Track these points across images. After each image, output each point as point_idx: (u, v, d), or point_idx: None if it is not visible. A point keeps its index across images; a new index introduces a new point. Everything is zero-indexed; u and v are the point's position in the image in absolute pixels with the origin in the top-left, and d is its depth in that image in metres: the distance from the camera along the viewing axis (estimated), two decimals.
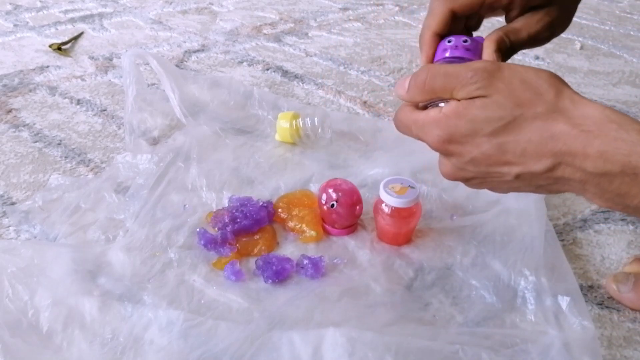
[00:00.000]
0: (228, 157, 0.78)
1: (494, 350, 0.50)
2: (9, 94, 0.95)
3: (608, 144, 0.39)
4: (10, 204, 0.69)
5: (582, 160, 0.40)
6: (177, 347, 0.50)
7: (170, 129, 0.84)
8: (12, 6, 1.36)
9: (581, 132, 0.40)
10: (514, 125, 0.41)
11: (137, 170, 0.74)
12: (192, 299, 0.56)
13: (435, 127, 0.45)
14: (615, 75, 1.10)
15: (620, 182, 0.39)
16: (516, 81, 0.42)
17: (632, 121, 0.40)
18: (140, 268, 0.59)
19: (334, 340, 0.49)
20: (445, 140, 0.44)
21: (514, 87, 0.42)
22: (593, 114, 0.40)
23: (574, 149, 0.40)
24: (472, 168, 0.45)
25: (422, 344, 0.49)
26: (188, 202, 0.69)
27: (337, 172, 0.74)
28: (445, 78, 0.44)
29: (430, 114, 0.45)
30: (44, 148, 0.80)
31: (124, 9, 1.38)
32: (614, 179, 0.39)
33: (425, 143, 0.47)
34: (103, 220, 0.66)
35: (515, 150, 0.42)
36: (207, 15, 1.37)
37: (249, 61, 1.10)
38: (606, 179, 0.40)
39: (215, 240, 0.62)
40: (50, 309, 0.53)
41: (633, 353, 0.53)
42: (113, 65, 1.06)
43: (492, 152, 0.43)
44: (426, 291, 0.58)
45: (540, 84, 0.42)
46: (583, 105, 0.41)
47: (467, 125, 0.43)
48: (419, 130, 0.47)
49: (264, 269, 0.59)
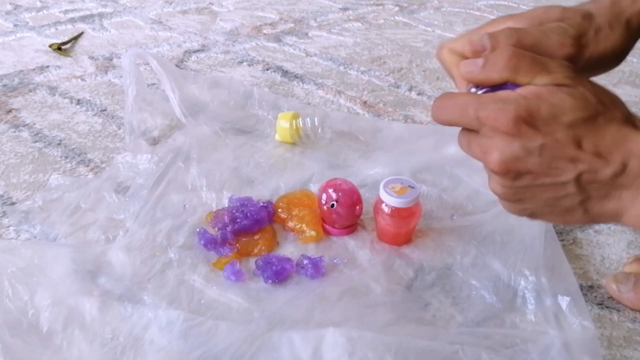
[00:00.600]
0: (228, 157, 0.78)
1: (494, 350, 0.50)
2: (9, 94, 0.95)
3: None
4: (10, 204, 0.69)
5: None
6: (177, 347, 0.50)
7: (170, 129, 0.84)
8: (12, 6, 1.36)
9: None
10: (593, 121, 0.40)
11: (137, 170, 0.74)
12: (192, 299, 0.56)
13: (512, 104, 0.40)
14: (615, 75, 1.10)
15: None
16: (597, 86, 0.42)
17: None
18: (140, 268, 0.59)
19: (334, 340, 0.49)
20: (521, 118, 0.40)
21: (597, 88, 0.42)
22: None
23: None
24: (534, 159, 0.41)
25: (422, 344, 0.49)
26: (188, 202, 0.69)
27: (337, 172, 0.74)
28: (533, 61, 0.42)
29: (500, 93, 0.42)
30: (44, 148, 0.80)
31: (124, 9, 1.38)
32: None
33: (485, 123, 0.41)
34: (103, 220, 0.66)
35: (588, 147, 0.40)
36: (207, 15, 1.37)
37: (249, 61, 1.11)
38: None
39: (215, 241, 0.62)
40: (50, 309, 0.53)
41: (633, 353, 0.53)
42: (113, 65, 1.06)
43: (564, 143, 0.40)
44: (426, 291, 0.58)
45: (616, 96, 0.42)
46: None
47: (549, 109, 0.40)
48: (482, 107, 0.41)
49: (264, 269, 0.59)
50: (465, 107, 0.42)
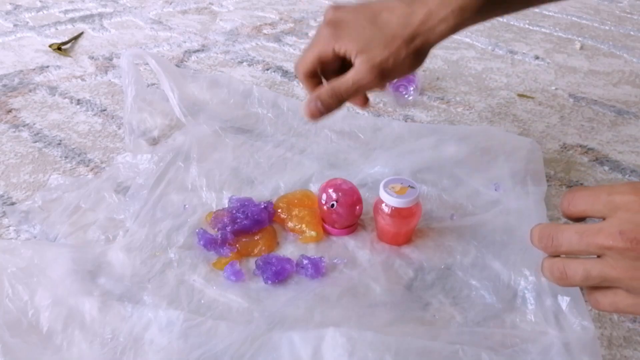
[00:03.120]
0: (228, 156, 0.78)
1: (494, 350, 0.50)
2: (9, 94, 0.95)
3: None
4: (10, 204, 0.69)
5: None
6: (177, 347, 0.50)
7: (170, 128, 0.84)
8: (12, 6, 1.36)
9: None
10: None
11: (137, 170, 0.74)
12: (192, 299, 0.56)
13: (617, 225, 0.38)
14: (615, 75, 1.10)
15: None
16: None
17: None
18: (140, 268, 0.59)
19: (334, 340, 0.49)
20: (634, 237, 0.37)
21: None
22: None
23: None
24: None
25: (422, 344, 0.49)
26: (188, 202, 0.69)
27: (337, 172, 0.74)
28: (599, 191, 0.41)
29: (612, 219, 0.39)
30: (44, 148, 0.80)
31: (124, 9, 1.38)
32: None
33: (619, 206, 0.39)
34: (103, 220, 0.66)
35: None
36: (207, 15, 1.37)
37: (249, 61, 1.11)
38: None
39: (215, 241, 0.62)
40: (50, 309, 0.53)
41: (633, 353, 0.53)
42: (113, 65, 1.06)
43: None
44: (426, 291, 0.58)
45: None
46: None
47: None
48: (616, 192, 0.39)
49: (263, 269, 0.59)
50: (598, 194, 0.40)
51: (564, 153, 0.84)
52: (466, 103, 0.97)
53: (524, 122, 0.92)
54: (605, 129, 0.91)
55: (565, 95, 1.02)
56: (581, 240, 0.40)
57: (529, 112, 0.95)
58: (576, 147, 0.85)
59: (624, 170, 0.80)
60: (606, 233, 0.39)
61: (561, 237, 0.42)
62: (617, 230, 0.38)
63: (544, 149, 0.84)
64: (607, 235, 0.39)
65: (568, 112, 0.96)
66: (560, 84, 1.06)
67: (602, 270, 0.40)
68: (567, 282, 0.42)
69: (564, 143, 0.87)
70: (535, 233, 0.44)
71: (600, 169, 0.81)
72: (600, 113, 0.96)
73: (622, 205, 0.39)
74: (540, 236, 0.43)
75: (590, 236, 0.40)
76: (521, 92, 1.02)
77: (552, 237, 0.42)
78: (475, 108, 0.96)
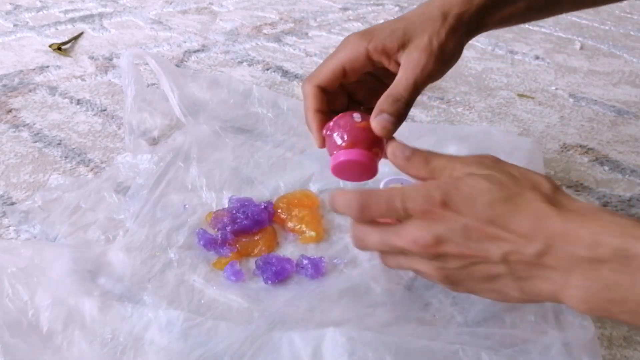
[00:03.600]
0: (228, 156, 0.78)
1: (494, 350, 0.50)
2: (9, 94, 0.95)
3: (601, 226, 0.39)
4: (10, 204, 0.69)
5: (573, 243, 0.39)
6: (177, 347, 0.50)
7: (170, 128, 0.84)
8: (12, 6, 1.36)
9: (576, 216, 0.40)
10: (512, 202, 0.41)
11: (137, 170, 0.74)
12: (192, 299, 0.56)
13: (433, 189, 0.42)
14: (615, 75, 1.10)
15: (609, 269, 0.38)
16: (516, 171, 0.44)
17: (624, 214, 0.41)
18: (140, 268, 0.59)
19: (334, 340, 0.49)
20: (442, 201, 0.42)
21: (513, 173, 0.43)
22: (587, 206, 0.41)
23: (568, 230, 0.39)
24: (459, 239, 0.42)
25: (422, 344, 0.49)
26: (188, 202, 0.69)
27: None
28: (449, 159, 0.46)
29: (421, 184, 0.45)
30: (44, 148, 0.80)
31: (124, 9, 1.38)
32: (603, 266, 0.38)
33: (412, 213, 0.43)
34: (103, 220, 0.66)
35: (510, 226, 0.40)
36: (207, 15, 1.37)
37: (249, 61, 1.11)
38: (594, 267, 0.38)
39: (215, 241, 0.62)
40: (50, 309, 0.53)
41: (633, 353, 0.53)
42: (113, 65, 1.06)
43: (486, 222, 0.41)
44: (426, 291, 0.58)
45: (538, 178, 0.44)
46: (577, 201, 0.42)
47: (468, 190, 0.42)
48: (409, 199, 0.43)
49: (263, 269, 0.59)
50: (392, 199, 0.44)
51: (564, 153, 0.84)
52: (466, 103, 0.97)
53: (524, 122, 0.92)
54: (605, 129, 0.91)
55: (565, 95, 1.02)
56: (382, 241, 0.45)
57: (529, 112, 0.95)
58: (576, 147, 0.85)
59: (624, 171, 0.80)
60: (402, 238, 0.44)
61: (366, 240, 0.47)
62: (411, 238, 0.43)
63: (544, 149, 0.84)
64: (403, 240, 0.44)
65: (568, 112, 0.96)
66: (560, 84, 1.06)
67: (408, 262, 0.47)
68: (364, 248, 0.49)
69: (564, 143, 0.87)
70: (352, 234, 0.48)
71: (600, 169, 0.81)
72: (600, 113, 0.96)
73: (413, 212, 0.43)
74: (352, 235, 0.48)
75: (390, 238, 0.45)
76: (521, 92, 1.02)
77: (359, 238, 0.47)
78: (475, 108, 0.96)
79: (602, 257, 0.38)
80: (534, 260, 0.40)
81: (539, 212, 0.40)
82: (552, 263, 0.40)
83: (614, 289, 0.38)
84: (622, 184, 0.77)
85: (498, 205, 0.41)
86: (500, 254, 0.41)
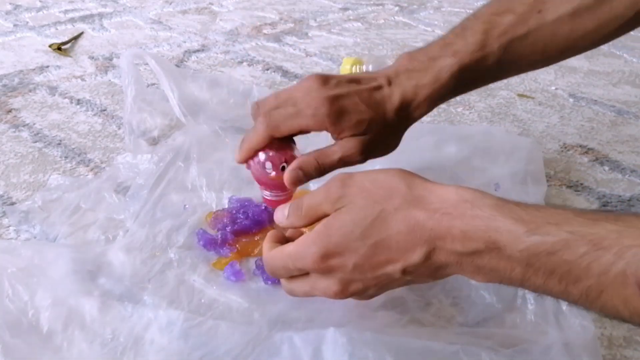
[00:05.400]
0: (228, 156, 0.78)
1: (494, 350, 0.50)
2: (9, 94, 0.95)
3: (467, 223, 0.40)
4: (10, 204, 0.69)
5: (450, 242, 0.41)
6: (177, 347, 0.50)
7: (170, 128, 0.84)
8: (12, 6, 1.36)
9: (442, 215, 0.41)
10: (379, 221, 0.43)
11: (137, 170, 0.74)
12: (192, 299, 0.56)
13: (310, 245, 0.45)
14: (615, 75, 1.10)
15: (489, 257, 0.40)
16: (367, 183, 0.45)
17: (483, 196, 0.42)
18: (140, 268, 0.59)
19: (334, 340, 0.48)
20: (323, 254, 0.44)
21: (366, 188, 0.44)
22: (448, 197, 0.42)
23: (440, 232, 0.41)
24: (359, 276, 0.44)
25: (422, 344, 0.49)
26: (188, 202, 0.69)
27: (336, 171, 0.74)
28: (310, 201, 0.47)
29: (303, 238, 0.46)
30: (44, 148, 0.80)
31: (124, 9, 1.38)
32: (483, 256, 0.40)
33: (306, 271, 0.46)
34: (103, 220, 0.66)
35: (390, 245, 0.43)
36: (207, 15, 1.37)
37: (249, 61, 1.11)
38: (477, 257, 0.41)
39: (215, 241, 0.62)
40: (50, 309, 0.53)
41: (633, 353, 0.53)
42: (113, 65, 1.06)
43: (371, 253, 0.43)
44: (426, 291, 0.58)
45: (389, 180, 0.45)
46: (436, 189, 0.43)
47: (338, 233, 0.44)
48: (297, 258, 0.46)
49: (263, 269, 0.59)
50: (287, 266, 0.47)
51: (564, 153, 0.84)
52: (466, 103, 0.97)
53: (524, 122, 0.92)
54: (605, 129, 0.91)
55: (565, 95, 1.02)
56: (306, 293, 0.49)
57: (529, 112, 0.95)
58: (576, 147, 0.85)
59: (624, 170, 0.80)
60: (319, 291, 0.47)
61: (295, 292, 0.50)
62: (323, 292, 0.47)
63: (544, 149, 0.84)
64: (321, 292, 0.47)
65: (568, 112, 0.96)
66: (560, 84, 1.06)
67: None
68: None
69: (564, 143, 0.87)
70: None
71: (600, 169, 0.81)
72: (600, 113, 0.96)
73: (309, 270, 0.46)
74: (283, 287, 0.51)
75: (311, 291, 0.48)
76: (521, 92, 1.02)
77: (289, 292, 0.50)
78: (475, 108, 0.96)
79: (478, 249, 0.40)
80: (426, 264, 0.43)
81: (407, 221, 0.42)
82: (442, 260, 0.42)
83: (499, 270, 0.40)
84: (622, 184, 0.77)
85: (371, 233, 0.43)
86: (398, 271, 0.43)
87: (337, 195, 0.45)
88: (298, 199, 0.49)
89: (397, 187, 0.44)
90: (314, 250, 0.44)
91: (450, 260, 0.42)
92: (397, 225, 0.42)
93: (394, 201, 0.43)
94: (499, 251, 0.40)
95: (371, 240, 0.43)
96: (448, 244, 0.41)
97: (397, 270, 0.43)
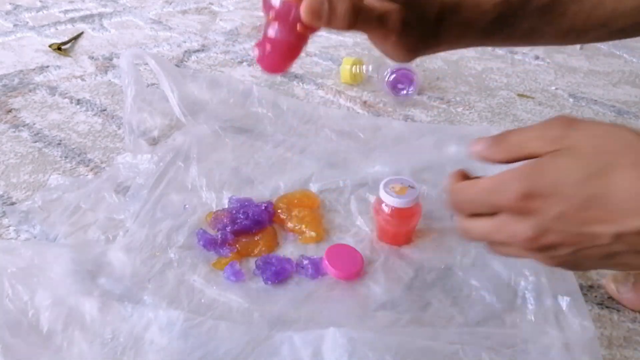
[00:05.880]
0: (228, 156, 0.78)
1: (494, 350, 0.50)
2: (9, 94, 0.95)
3: None
4: (10, 204, 0.69)
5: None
6: (177, 347, 0.50)
7: (170, 128, 0.84)
8: (12, 6, 1.36)
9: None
10: (606, 173, 0.37)
11: (137, 170, 0.74)
12: (192, 299, 0.56)
13: (515, 181, 0.39)
14: (615, 75, 1.10)
15: None
16: (599, 130, 0.39)
17: None
18: (140, 268, 0.59)
19: (334, 340, 0.49)
20: (526, 192, 0.38)
21: (597, 134, 0.39)
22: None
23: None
24: (560, 227, 0.38)
25: (422, 344, 0.49)
26: (188, 202, 0.69)
27: (336, 171, 0.74)
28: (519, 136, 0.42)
29: (504, 173, 0.41)
30: (43, 148, 0.80)
31: (124, 9, 1.38)
32: None
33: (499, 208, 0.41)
34: (103, 220, 0.66)
35: (610, 202, 0.37)
36: (207, 15, 1.37)
37: (248, 61, 1.10)
38: None
39: (215, 241, 0.62)
40: (50, 309, 0.53)
41: (633, 353, 0.53)
42: (113, 65, 1.06)
43: (584, 205, 0.37)
44: (426, 291, 0.58)
45: (626, 134, 0.39)
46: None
47: (551, 174, 0.38)
48: (494, 192, 0.41)
49: (263, 269, 0.59)
50: (480, 199, 0.42)
51: None
52: (466, 103, 0.97)
53: (524, 122, 0.92)
54: None
55: (565, 95, 1.02)
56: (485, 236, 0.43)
57: (529, 112, 0.95)
58: None
59: None
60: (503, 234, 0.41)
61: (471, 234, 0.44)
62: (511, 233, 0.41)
63: None
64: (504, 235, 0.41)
65: (568, 112, 0.96)
66: (560, 84, 1.06)
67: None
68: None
69: None
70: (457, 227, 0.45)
71: None
72: (600, 113, 0.96)
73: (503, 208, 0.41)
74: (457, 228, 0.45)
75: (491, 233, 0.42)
76: (521, 92, 1.02)
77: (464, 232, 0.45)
78: (475, 108, 0.96)
79: None
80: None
81: (636, 183, 0.36)
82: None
83: None
84: None
85: (589, 184, 0.37)
86: (610, 235, 0.37)
87: (557, 134, 0.39)
88: (502, 132, 0.43)
89: (633, 142, 0.37)
90: (517, 186, 0.39)
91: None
92: (626, 183, 0.36)
93: (631, 156, 0.37)
94: None
95: (589, 191, 0.37)
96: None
97: (608, 233, 0.37)
